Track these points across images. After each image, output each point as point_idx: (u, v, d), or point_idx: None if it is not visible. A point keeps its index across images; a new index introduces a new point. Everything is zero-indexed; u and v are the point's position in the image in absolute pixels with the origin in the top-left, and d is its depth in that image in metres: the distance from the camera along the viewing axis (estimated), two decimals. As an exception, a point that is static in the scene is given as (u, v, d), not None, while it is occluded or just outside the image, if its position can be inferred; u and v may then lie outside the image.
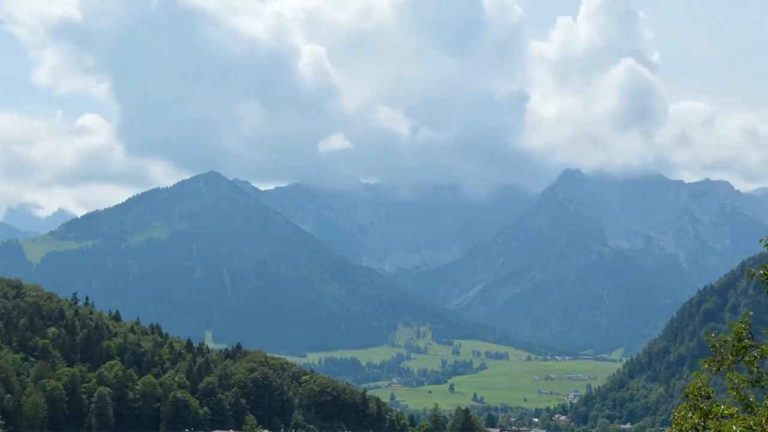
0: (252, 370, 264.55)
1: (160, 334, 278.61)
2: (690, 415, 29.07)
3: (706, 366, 29.44)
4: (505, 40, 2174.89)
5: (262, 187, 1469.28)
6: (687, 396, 29.65)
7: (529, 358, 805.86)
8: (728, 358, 28.94)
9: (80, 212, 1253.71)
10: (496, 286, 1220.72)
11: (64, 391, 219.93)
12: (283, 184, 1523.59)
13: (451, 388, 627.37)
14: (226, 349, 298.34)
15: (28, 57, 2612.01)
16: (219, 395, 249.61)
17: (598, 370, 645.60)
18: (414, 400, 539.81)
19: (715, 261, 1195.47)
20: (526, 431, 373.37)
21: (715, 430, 28.07)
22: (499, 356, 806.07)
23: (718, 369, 29.04)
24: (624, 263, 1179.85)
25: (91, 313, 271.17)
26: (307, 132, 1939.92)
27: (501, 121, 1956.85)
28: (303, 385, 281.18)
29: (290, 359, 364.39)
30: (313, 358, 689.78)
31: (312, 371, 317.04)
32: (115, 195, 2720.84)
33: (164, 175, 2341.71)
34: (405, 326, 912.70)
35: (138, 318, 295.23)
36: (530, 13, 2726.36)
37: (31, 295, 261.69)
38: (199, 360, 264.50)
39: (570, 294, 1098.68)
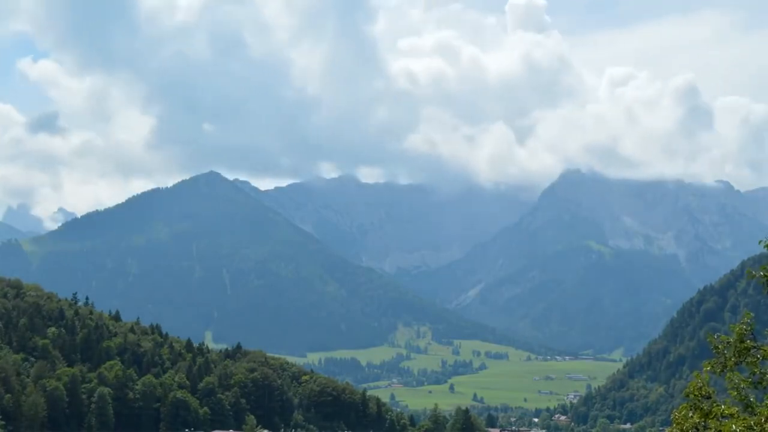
0: (252, 370, 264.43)
1: (160, 334, 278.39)
2: (690, 414, 29.09)
3: (709, 368, 29.41)
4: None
5: (262, 187, 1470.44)
6: (687, 396, 29.67)
7: (529, 358, 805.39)
8: (731, 360, 28.93)
9: (80, 211, 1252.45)
10: (496, 286, 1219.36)
11: (64, 391, 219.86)
12: (283, 184, 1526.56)
13: (451, 388, 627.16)
14: (226, 349, 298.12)
15: None
16: (219, 395, 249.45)
17: (598, 370, 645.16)
18: (414, 400, 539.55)
19: (715, 261, 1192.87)
20: (526, 431, 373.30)
21: (715, 429, 28.10)
22: (499, 356, 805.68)
23: (722, 370, 29.04)
24: (624, 263, 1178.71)
25: (91, 313, 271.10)
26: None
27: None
28: (303, 385, 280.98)
29: (290, 359, 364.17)
30: (313, 358, 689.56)
31: (312, 371, 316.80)
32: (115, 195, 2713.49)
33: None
34: (405, 326, 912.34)
35: (138, 318, 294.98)
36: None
37: (31, 295, 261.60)
38: (199, 360, 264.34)
39: (570, 294, 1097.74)
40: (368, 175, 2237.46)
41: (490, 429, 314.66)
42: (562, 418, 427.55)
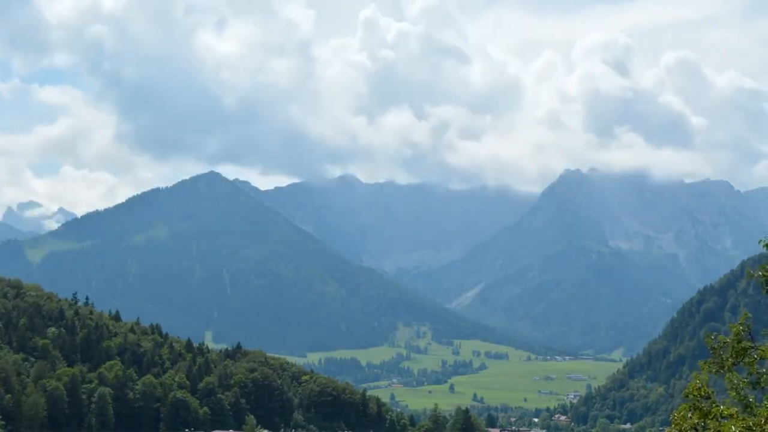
0: (252, 370, 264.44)
1: (160, 334, 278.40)
2: (690, 415, 29.10)
3: (706, 368, 29.43)
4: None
5: (262, 187, 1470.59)
6: (687, 396, 29.69)
7: (529, 358, 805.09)
8: (728, 360, 28.94)
9: (80, 212, 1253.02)
10: (496, 286, 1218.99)
11: (64, 391, 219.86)
12: (283, 184, 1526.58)
13: (451, 388, 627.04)
14: (226, 349, 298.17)
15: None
16: (219, 395, 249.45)
17: (598, 370, 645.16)
18: (414, 400, 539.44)
19: (715, 261, 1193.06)
20: (526, 431, 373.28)
21: (714, 430, 28.11)
22: (499, 356, 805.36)
23: (718, 371, 29.05)
24: (624, 263, 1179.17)
25: (91, 313, 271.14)
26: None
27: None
28: (303, 385, 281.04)
29: (290, 359, 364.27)
30: (313, 358, 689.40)
31: (312, 371, 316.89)
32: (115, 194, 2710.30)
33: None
34: (405, 326, 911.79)
35: (138, 318, 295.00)
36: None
37: (31, 295, 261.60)
38: (199, 360, 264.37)
39: (570, 294, 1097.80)
40: (368, 175, 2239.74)
41: (490, 429, 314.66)
42: (562, 418, 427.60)
